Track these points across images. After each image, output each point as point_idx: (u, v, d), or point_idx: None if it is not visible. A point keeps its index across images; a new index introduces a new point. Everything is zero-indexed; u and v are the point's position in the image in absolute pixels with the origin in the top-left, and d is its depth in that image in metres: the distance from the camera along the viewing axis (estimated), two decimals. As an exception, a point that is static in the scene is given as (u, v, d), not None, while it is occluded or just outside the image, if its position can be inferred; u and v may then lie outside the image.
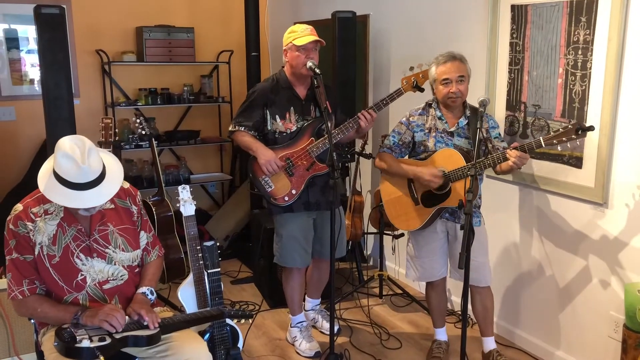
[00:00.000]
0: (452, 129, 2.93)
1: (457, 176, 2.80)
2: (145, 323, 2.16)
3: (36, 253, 2.15)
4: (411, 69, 3.03)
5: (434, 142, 2.95)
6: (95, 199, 2.09)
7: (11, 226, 2.15)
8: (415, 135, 3.00)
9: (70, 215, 2.20)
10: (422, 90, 3.03)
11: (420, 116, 3.01)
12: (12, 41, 4.68)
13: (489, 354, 3.13)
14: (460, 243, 2.90)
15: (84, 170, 2.03)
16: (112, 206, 2.31)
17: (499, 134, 2.93)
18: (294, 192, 3.08)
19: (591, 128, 2.46)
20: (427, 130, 2.98)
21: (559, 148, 2.66)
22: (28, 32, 4.70)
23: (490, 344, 3.14)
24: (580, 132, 2.44)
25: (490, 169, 2.82)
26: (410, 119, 3.03)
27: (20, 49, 4.70)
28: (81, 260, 2.21)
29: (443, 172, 2.83)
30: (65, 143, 2.05)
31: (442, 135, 2.94)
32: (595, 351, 2.97)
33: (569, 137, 2.47)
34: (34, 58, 4.71)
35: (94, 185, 2.07)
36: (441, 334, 3.28)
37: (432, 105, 2.99)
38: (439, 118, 2.95)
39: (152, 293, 2.36)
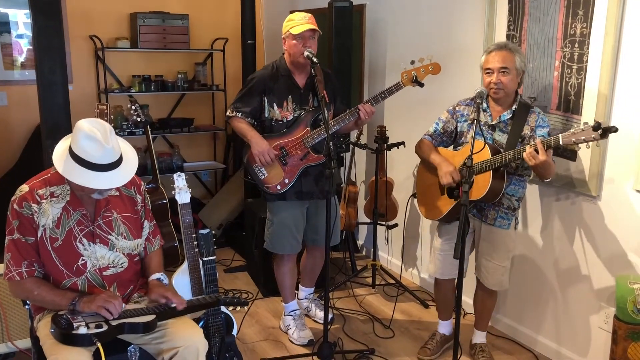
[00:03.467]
0: (493, 123, 2.83)
1: (480, 169, 2.70)
2: (172, 305, 2.21)
3: (39, 235, 2.15)
4: (412, 62, 2.94)
5: (472, 134, 2.85)
6: (116, 180, 2.12)
7: (16, 206, 2.14)
8: (459, 125, 2.93)
9: (76, 199, 2.20)
10: (421, 85, 2.97)
11: (467, 106, 2.93)
12: (4, 25, 4.62)
13: (474, 346, 3.17)
14: (485, 243, 2.92)
15: (107, 151, 2.05)
16: (117, 194, 2.32)
17: (546, 134, 2.73)
18: (286, 181, 3.09)
19: (613, 129, 2.34)
20: (470, 122, 2.90)
21: (578, 146, 2.48)
22: (17, 17, 4.64)
23: (480, 337, 3.18)
24: (601, 133, 2.33)
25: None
26: (457, 108, 2.95)
27: (14, 34, 4.65)
28: (83, 245, 2.21)
29: (463, 167, 2.76)
30: (85, 125, 2.06)
31: (483, 128, 2.84)
32: (585, 342, 3.01)
33: (588, 136, 2.37)
34: (24, 43, 4.66)
35: (113, 167, 2.08)
36: (443, 327, 3.26)
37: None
38: (484, 110, 2.84)
39: (165, 278, 2.40)
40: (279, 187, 3.09)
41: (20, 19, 4.63)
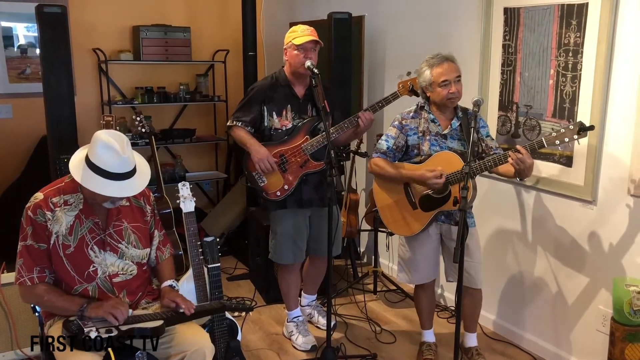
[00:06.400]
0: (445, 132, 2.91)
1: (457, 179, 2.77)
2: (181, 310, 2.27)
3: (51, 242, 2.21)
4: (408, 73, 3.05)
5: (428, 145, 2.92)
6: (130, 190, 2.18)
7: (30, 213, 2.20)
8: (409, 139, 2.97)
9: (89, 208, 2.26)
10: (417, 94, 3.05)
11: (413, 119, 2.99)
12: (8, 39, 4.70)
13: (469, 350, 3.19)
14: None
15: (123, 160, 2.13)
16: (127, 204, 2.38)
17: (489, 133, 2.96)
18: (286, 187, 3.15)
19: (591, 128, 2.56)
20: (420, 134, 2.96)
21: (559, 148, 2.70)
22: (17, 29, 4.72)
23: (472, 340, 3.20)
24: (581, 132, 2.52)
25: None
26: (403, 122, 2.99)
27: (16, 47, 4.72)
28: (94, 252, 2.27)
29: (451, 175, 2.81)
30: (103, 136, 2.14)
31: (436, 138, 2.92)
32: (583, 344, 3.06)
33: (571, 137, 2.54)
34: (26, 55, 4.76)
35: (129, 177, 2.16)
36: (429, 336, 3.28)
37: (425, 108, 2.96)
38: (432, 121, 2.93)
39: (176, 285, 2.48)
40: (278, 193, 3.15)
41: (20, 32, 4.70)
